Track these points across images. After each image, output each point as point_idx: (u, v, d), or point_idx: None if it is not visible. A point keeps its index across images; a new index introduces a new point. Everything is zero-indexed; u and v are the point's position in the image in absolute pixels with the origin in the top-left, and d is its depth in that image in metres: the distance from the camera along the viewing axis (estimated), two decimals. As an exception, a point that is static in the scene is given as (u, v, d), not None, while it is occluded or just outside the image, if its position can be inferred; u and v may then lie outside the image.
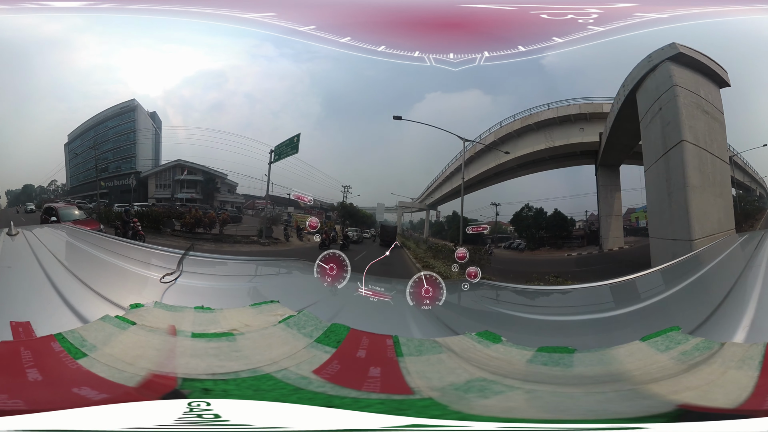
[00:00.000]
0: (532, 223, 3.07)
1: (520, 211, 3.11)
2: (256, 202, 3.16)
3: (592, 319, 2.62)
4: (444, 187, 3.43)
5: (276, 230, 3.37)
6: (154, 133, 2.86)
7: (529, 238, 3.10)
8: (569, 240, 2.99)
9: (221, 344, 2.33)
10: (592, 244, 2.91)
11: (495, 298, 2.93)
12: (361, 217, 3.58)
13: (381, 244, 3.63)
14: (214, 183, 3.02)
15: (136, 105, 2.81)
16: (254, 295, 2.69)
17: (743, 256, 2.51)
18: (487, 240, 3.24)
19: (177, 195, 2.99)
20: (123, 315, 2.43)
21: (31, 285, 2.54)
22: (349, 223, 3.54)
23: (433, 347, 2.41)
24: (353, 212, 3.48)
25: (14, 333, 2.21)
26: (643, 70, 1.63)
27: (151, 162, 2.99)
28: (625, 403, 1.93)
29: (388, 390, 2.10)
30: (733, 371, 1.90)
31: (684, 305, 2.51)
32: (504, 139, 3.09)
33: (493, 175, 3.26)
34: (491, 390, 2.08)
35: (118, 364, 2.14)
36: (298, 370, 2.20)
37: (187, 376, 2.11)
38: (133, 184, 2.95)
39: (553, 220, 2.97)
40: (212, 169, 3.03)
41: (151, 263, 2.79)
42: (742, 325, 2.15)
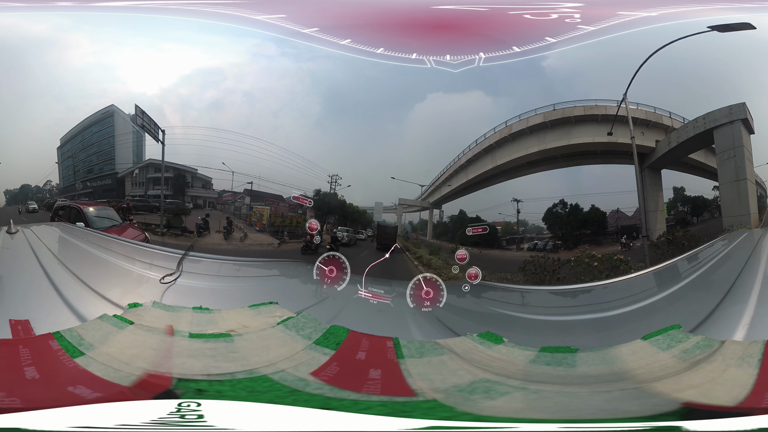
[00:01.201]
0: (568, 220, 2.82)
1: (552, 208, 2.84)
2: (224, 197, 3.09)
3: (593, 319, 2.60)
4: (455, 180, 3.18)
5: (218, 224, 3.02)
6: (135, 135, 2.94)
7: (565, 236, 2.85)
8: (605, 236, 2.80)
9: (218, 345, 2.31)
10: (628, 237, 2.77)
11: (496, 300, 2.88)
12: (348, 212, 3.05)
13: (378, 248, 3.17)
14: (183, 179, 3.02)
15: (113, 111, 2.88)
16: (253, 296, 2.67)
17: (744, 252, 2.52)
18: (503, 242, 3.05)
19: (149, 192, 3.05)
20: (121, 314, 2.41)
21: (30, 283, 2.55)
22: (330, 219, 3.02)
23: (435, 349, 2.37)
24: (334, 204, 2.91)
25: (13, 331, 2.22)
26: (724, 118, 2.07)
27: (131, 163, 3.07)
28: (633, 401, 1.92)
29: (389, 392, 2.07)
30: (733, 369, 1.92)
31: (684, 304, 2.51)
32: (534, 129, 2.94)
33: (510, 170, 3.06)
34: (496, 391, 2.06)
35: (115, 363, 2.12)
36: (296, 372, 2.17)
37: (182, 377, 2.09)
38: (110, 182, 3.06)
39: (592, 217, 2.76)
40: (182, 166, 3.02)
41: (151, 263, 2.78)
42: (741, 323, 2.17)
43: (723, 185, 2.10)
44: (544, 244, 2.98)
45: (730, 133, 1.96)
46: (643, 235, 2.41)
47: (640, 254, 2.62)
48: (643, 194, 2.40)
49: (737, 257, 2.45)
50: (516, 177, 3.12)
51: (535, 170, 3.04)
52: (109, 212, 3.17)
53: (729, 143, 1.95)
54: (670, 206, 2.63)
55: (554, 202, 2.82)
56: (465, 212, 3.21)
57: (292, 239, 3.13)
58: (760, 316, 2.22)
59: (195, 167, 2.98)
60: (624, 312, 2.56)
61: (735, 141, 1.95)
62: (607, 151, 2.68)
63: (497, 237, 3.11)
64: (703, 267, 2.49)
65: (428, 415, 1.91)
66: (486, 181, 3.23)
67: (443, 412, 1.92)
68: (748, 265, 2.36)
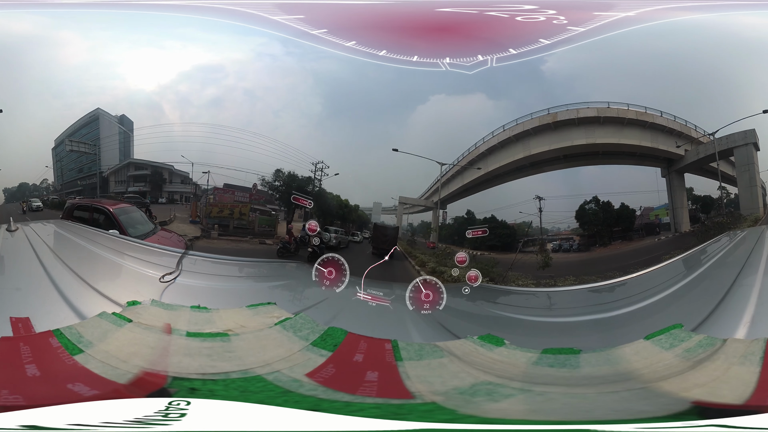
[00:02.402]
0: (602, 217, 2.84)
1: (584, 205, 2.81)
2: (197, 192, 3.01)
3: (595, 320, 2.55)
4: (467, 175, 2.92)
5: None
6: (122, 136, 2.98)
7: (600, 234, 2.83)
8: (633, 232, 2.89)
9: (215, 344, 2.30)
10: (654, 233, 2.89)
11: (496, 302, 2.80)
12: (329, 206, 2.58)
13: (374, 252, 2.77)
14: (160, 175, 3.03)
15: (99, 114, 2.93)
16: (251, 296, 2.65)
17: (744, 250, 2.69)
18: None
19: (129, 189, 3.08)
20: (120, 312, 2.41)
21: (30, 281, 2.58)
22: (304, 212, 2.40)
23: (434, 351, 2.34)
24: (317, 195, 2.34)
25: (14, 328, 2.24)
26: (741, 141, 2.64)
27: (117, 161, 3.11)
28: (643, 401, 1.90)
29: (385, 394, 2.04)
30: (736, 367, 1.92)
31: (685, 302, 2.52)
32: (582, 121, 2.89)
33: (540, 162, 2.92)
34: (500, 393, 2.02)
35: (112, 360, 2.13)
36: (291, 373, 2.15)
37: (177, 375, 2.08)
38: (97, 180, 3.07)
39: (624, 214, 2.84)
40: (158, 163, 3.02)
41: (150, 261, 2.79)
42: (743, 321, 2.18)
43: (741, 188, 2.68)
44: (570, 245, 2.91)
45: (745, 153, 2.56)
46: (674, 228, 2.75)
47: (673, 244, 2.87)
48: (671, 194, 2.74)
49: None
50: (543, 172, 2.98)
51: (569, 165, 2.96)
52: (138, 215, 2.98)
53: (744, 160, 2.58)
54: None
55: (586, 200, 2.82)
56: (473, 213, 2.99)
57: (236, 234, 2.72)
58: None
59: (171, 163, 2.97)
60: (631, 310, 2.55)
61: (748, 159, 2.58)
62: (644, 155, 2.88)
63: (515, 239, 2.93)
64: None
65: (426, 418, 1.88)
66: (507, 175, 3.04)
67: (443, 415, 1.89)
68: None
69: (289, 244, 2.75)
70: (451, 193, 3.11)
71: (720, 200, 2.85)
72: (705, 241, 2.74)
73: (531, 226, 2.93)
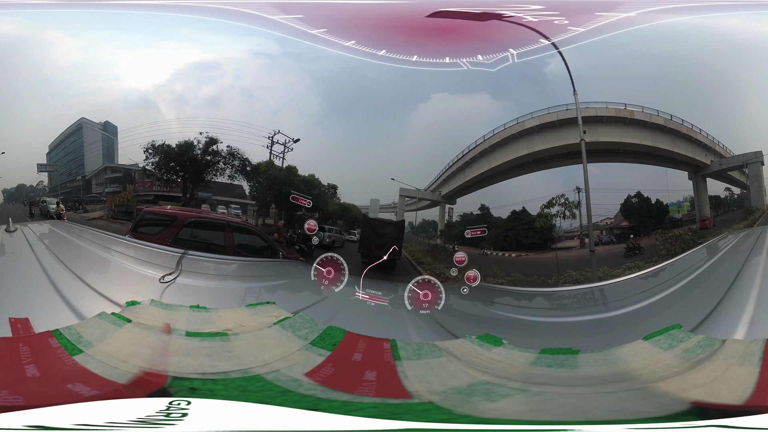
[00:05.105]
0: (646, 212, 3.09)
1: (629, 199, 3.02)
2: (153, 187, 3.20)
3: (593, 320, 2.55)
4: (485, 162, 2.55)
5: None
6: (106, 142, 3.11)
7: (644, 225, 3.05)
8: (662, 225, 3.19)
9: (214, 344, 2.30)
10: (678, 226, 3.20)
11: (495, 302, 2.80)
12: (281, 190, 1.94)
13: (363, 260, 2.35)
14: (131, 176, 3.19)
15: (82, 123, 3.03)
16: (250, 296, 2.66)
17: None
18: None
19: (106, 190, 3.24)
20: (119, 312, 2.41)
21: (29, 281, 2.58)
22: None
23: (432, 351, 2.34)
24: (278, 178, 1.81)
25: (13, 329, 2.24)
26: (754, 159, 3.13)
27: (100, 165, 3.29)
28: (641, 402, 1.90)
29: (383, 394, 2.04)
30: (735, 368, 1.92)
31: (686, 302, 2.53)
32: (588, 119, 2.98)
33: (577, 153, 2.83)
34: (497, 393, 2.03)
35: (112, 360, 2.14)
36: (290, 373, 2.16)
37: (177, 375, 2.09)
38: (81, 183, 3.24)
39: (661, 208, 3.14)
40: (130, 166, 3.14)
41: (150, 261, 2.80)
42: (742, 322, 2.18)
43: (752, 192, 3.18)
44: (610, 238, 3.09)
45: (756, 167, 3.10)
46: (700, 220, 3.20)
47: (708, 231, 3.24)
48: (697, 194, 3.20)
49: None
50: (571, 164, 2.93)
51: (604, 160, 3.07)
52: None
53: (756, 173, 3.11)
54: (693, 204, 3.28)
55: (629, 194, 3.06)
56: (489, 208, 2.67)
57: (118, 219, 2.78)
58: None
59: (138, 164, 3.08)
60: (631, 310, 2.56)
61: (758, 172, 3.10)
62: (669, 158, 3.22)
63: (548, 237, 2.85)
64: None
65: (423, 418, 1.89)
66: (536, 164, 2.94)
67: (439, 415, 1.90)
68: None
69: (279, 242, 2.71)
70: (460, 185, 2.75)
71: (727, 199, 3.36)
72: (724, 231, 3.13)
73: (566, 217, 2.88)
